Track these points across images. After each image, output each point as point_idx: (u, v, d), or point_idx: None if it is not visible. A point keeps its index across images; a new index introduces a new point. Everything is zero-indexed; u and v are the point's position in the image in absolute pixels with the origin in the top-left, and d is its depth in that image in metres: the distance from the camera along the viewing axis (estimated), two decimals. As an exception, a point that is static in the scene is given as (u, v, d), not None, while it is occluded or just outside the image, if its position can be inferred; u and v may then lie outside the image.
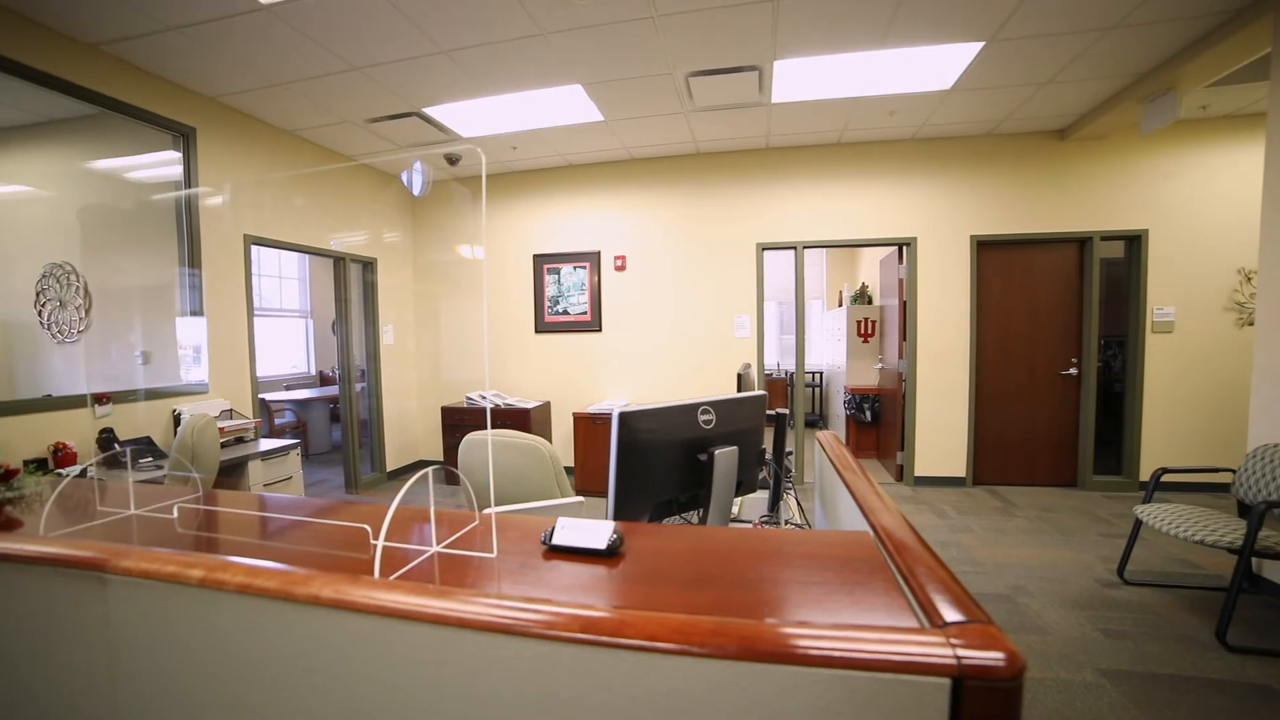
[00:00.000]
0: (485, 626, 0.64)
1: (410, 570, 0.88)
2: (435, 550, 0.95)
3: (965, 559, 3.32)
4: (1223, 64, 3.27)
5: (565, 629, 0.62)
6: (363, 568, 0.88)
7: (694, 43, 3.12)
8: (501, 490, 2.00)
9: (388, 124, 4.15)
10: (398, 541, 0.99)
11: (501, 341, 5.51)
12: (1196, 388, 4.46)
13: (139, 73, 3.24)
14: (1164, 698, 2.06)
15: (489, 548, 0.95)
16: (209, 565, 0.75)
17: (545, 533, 0.94)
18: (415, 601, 0.67)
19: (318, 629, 0.70)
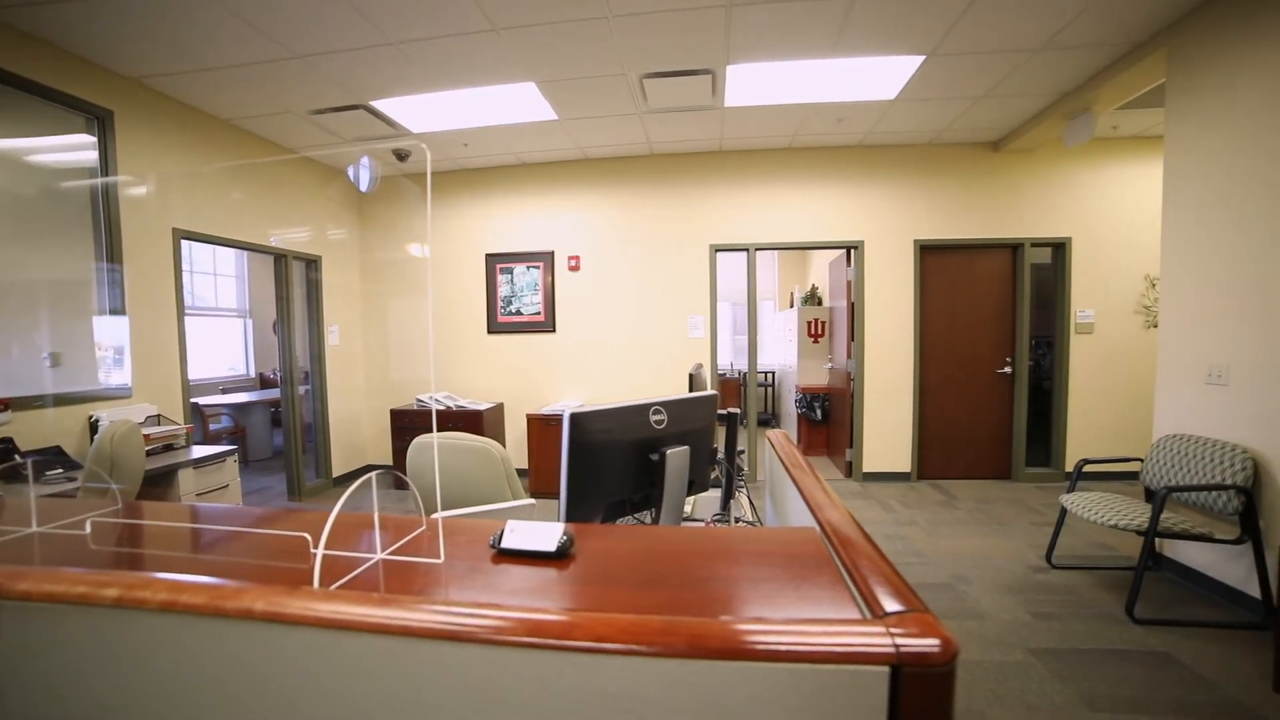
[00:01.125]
0: (431, 634, 0.63)
1: (353, 579, 0.84)
2: (380, 557, 0.92)
3: (910, 551, 3.46)
4: (1128, 89, 3.57)
5: (513, 633, 0.61)
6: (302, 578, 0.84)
7: (648, 44, 3.14)
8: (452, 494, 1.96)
9: (333, 116, 3.99)
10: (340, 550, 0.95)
11: (453, 342, 5.39)
12: (1113, 384, 4.80)
13: (42, 45, 2.93)
14: (1083, 670, 2.22)
15: (436, 553, 0.92)
16: (127, 583, 0.70)
17: (494, 536, 0.92)
18: (357, 611, 0.65)
19: (252, 645, 0.66)
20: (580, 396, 5.26)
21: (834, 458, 5.68)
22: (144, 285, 3.44)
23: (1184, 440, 2.89)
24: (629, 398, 1.32)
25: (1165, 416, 3.11)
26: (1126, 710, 1.99)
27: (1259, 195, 2.58)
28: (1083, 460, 3.28)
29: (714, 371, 5.12)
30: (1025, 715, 1.97)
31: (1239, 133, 2.67)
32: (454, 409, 4.86)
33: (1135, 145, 4.71)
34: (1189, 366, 2.96)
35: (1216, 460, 2.68)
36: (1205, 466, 2.72)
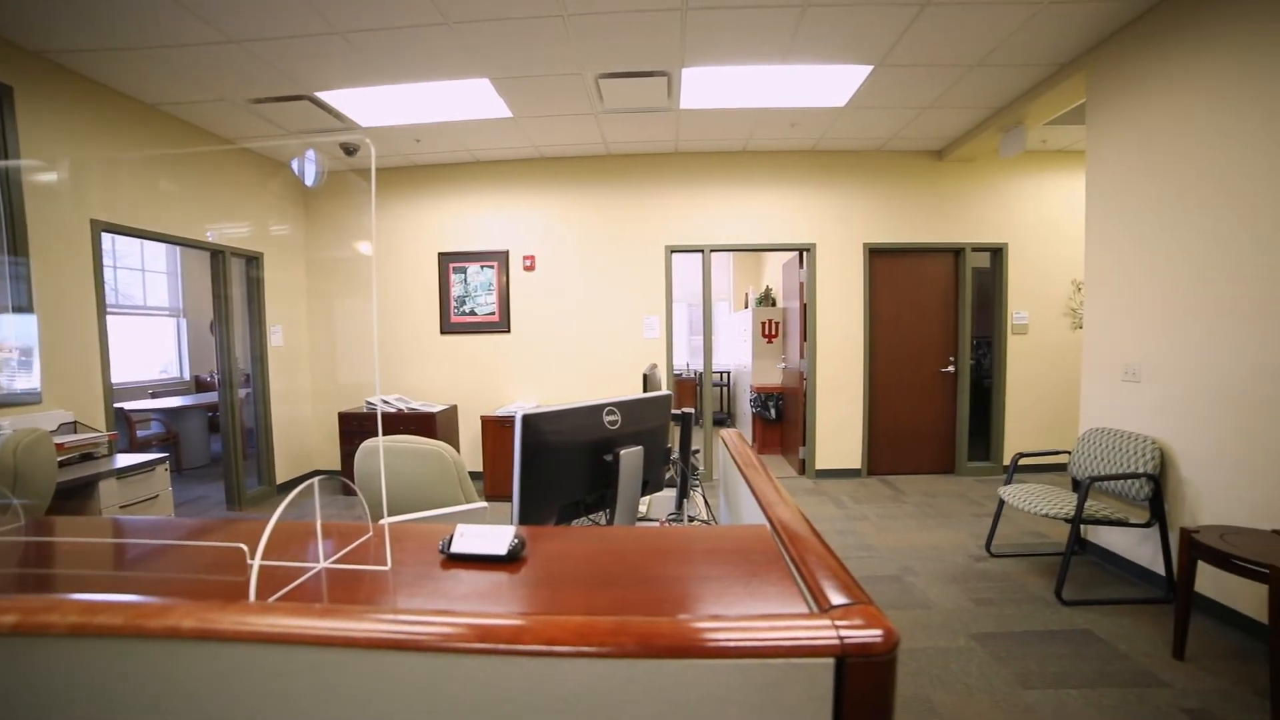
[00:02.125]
0: (376, 644, 0.60)
1: (293, 590, 0.81)
2: (322, 566, 0.88)
3: (861, 545, 3.57)
4: (1054, 106, 3.82)
5: (461, 640, 0.60)
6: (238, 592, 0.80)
7: (604, 44, 3.14)
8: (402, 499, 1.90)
9: (274, 106, 3.81)
10: (280, 560, 0.91)
11: (405, 343, 5.23)
12: (1045, 382, 5.10)
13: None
14: (1018, 651, 2.35)
15: (383, 560, 0.89)
16: (28, 608, 0.64)
17: (443, 541, 0.90)
18: (296, 623, 0.62)
19: (180, 666, 0.62)
20: (536, 398, 5.20)
21: (788, 456, 5.81)
22: (56, 280, 3.17)
23: (1105, 433, 3.10)
24: (585, 398, 1.31)
25: (1089, 412, 3.33)
26: (1054, 685, 2.12)
27: (1164, 210, 2.79)
28: (1018, 454, 3.47)
29: (670, 372, 5.16)
30: (966, 697, 2.06)
31: (1148, 150, 2.89)
32: (405, 412, 4.73)
33: (1063, 158, 5.02)
34: (1109, 365, 3.17)
35: (1131, 451, 2.89)
36: (1122, 457, 2.93)
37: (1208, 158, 2.59)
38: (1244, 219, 2.43)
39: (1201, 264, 2.62)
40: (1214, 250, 2.56)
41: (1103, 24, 3.00)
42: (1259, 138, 2.37)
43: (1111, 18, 2.94)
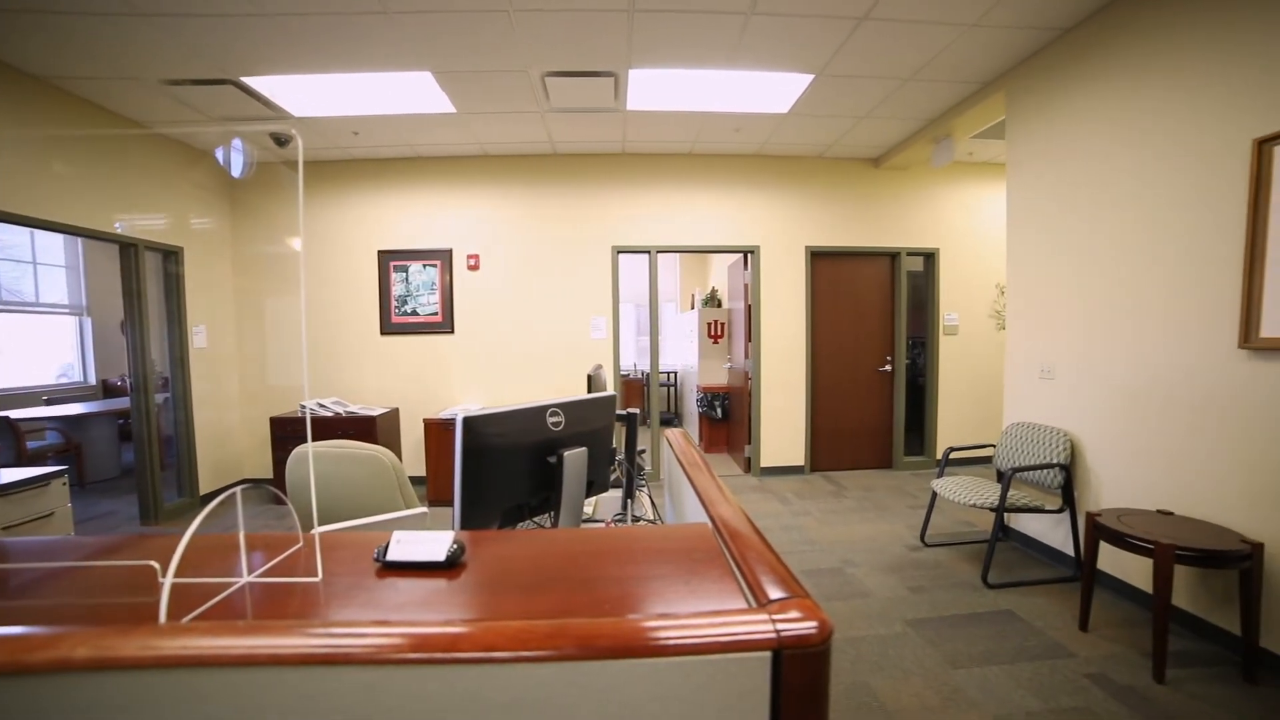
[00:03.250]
0: (304, 660, 0.58)
1: (212, 608, 0.75)
2: (246, 581, 0.83)
3: (804, 539, 3.68)
4: (978, 121, 4.07)
5: (395, 651, 0.58)
6: (148, 614, 0.74)
7: (550, 42, 3.10)
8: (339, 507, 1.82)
9: (194, 90, 3.55)
10: (197, 576, 0.85)
11: (343, 344, 5.01)
12: (974, 379, 5.41)
13: None
14: (948, 634, 2.49)
15: (313, 571, 0.85)
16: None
17: (379, 549, 0.87)
18: (214, 643, 0.58)
19: (75, 702, 0.57)
20: (481, 399, 5.09)
21: (734, 454, 5.93)
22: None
23: (1025, 427, 3.33)
24: (531, 400, 1.29)
25: (1011, 407, 3.56)
26: (980, 664, 2.26)
27: (1073, 223, 3.02)
28: (949, 448, 3.67)
29: (616, 372, 5.16)
30: (902, 680, 2.16)
31: (1059, 166, 3.12)
32: (344, 415, 4.52)
33: (988, 169, 5.35)
34: (1027, 364, 3.40)
35: (1047, 443, 3.11)
36: (1039, 449, 3.15)
37: (1107, 177, 2.82)
38: (1140, 233, 2.66)
39: (1105, 273, 2.86)
40: (1116, 260, 2.79)
41: (1018, 49, 3.21)
42: (1148, 158, 2.60)
43: (1025, 44, 3.16)
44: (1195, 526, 2.30)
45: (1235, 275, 2.26)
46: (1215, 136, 2.35)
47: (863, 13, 2.85)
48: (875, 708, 2.02)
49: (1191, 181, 2.44)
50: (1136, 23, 2.67)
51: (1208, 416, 2.39)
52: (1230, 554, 2.10)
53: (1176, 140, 2.50)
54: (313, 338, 4.99)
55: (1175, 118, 2.50)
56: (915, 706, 2.02)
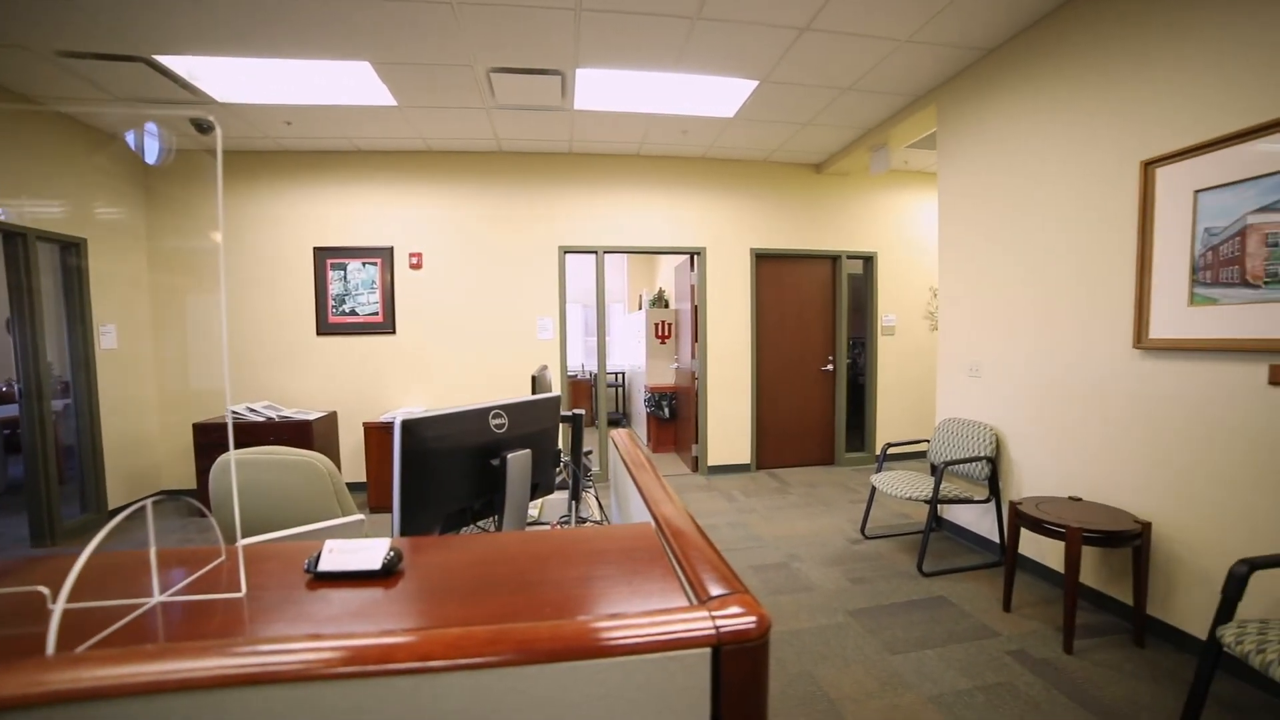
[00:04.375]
0: (223, 682, 0.54)
1: (115, 633, 0.69)
2: (157, 600, 0.77)
3: (751, 536, 3.76)
4: (912, 132, 4.29)
5: (325, 666, 0.55)
6: (34, 645, 0.68)
7: (496, 38, 3.04)
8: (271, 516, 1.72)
9: (98, 65, 3.24)
10: (99, 599, 0.78)
11: (276, 345, 4.75)
12: (910, 377, 5.68)
13: None
14: (887, 622, 2.60)
15: (236, 586, 0.80)
16: None
17: (309, 559, 0.82)
18: (115, 672, 0.53)
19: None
20: (424, 402, 4.94)
21: (681, 453, 5.99)
22: None
23: (955, 423, 3.52)
24: (476, 402, 1.26)
25: (943, 404, 3.76)
26: (916, 648, 2.37)
27: (996, 230, 3.22)
28: (887, 444, 3.83)
29: (564, 373, 5.12)
30: (844, 669, 2.24)
31: (983, 177, 3.32)
32: (277, 420, 4.29)
33: (922, 178, 5.63)
34: (957, 363, 3.60)
35: (975, 438, 3.30)
36: (968, 443, 3.34)
37: (1024, 189, 3.03)
38: (1052, 242, 2.87)
39: (1024, 278, 3.06)
40: (1033, 267, 3.00)
41: (947, 66, 3.40)
42: (1057, 174, 2.81)
43: (953, 62, 3.35)
44: (1099, 510, 2.50)
45: (1129, 283, 2.48)
46: (1111, 157, 2.56)
47: (804, 23, 2.94)
48: (819, 696, 2.08)
49: (1093, 197, 2.65)
50: (1044, 48, 2.88)
51: (1108, 410, 2.60)
52: (1125, 533, 2.30)
53: (1080, 159, 2.71)
54: (243, 338, 4.70)
55: (1079, 138, 2.71)
56: (857, 693, 2.10)
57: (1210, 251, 2.19)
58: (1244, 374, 2.10)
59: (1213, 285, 2.18)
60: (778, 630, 2.55)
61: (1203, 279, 2.22)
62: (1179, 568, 2.34)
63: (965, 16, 2.88)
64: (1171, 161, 2.30)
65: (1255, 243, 2.05)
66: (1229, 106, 2.13)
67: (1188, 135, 2.26)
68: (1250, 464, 2.09)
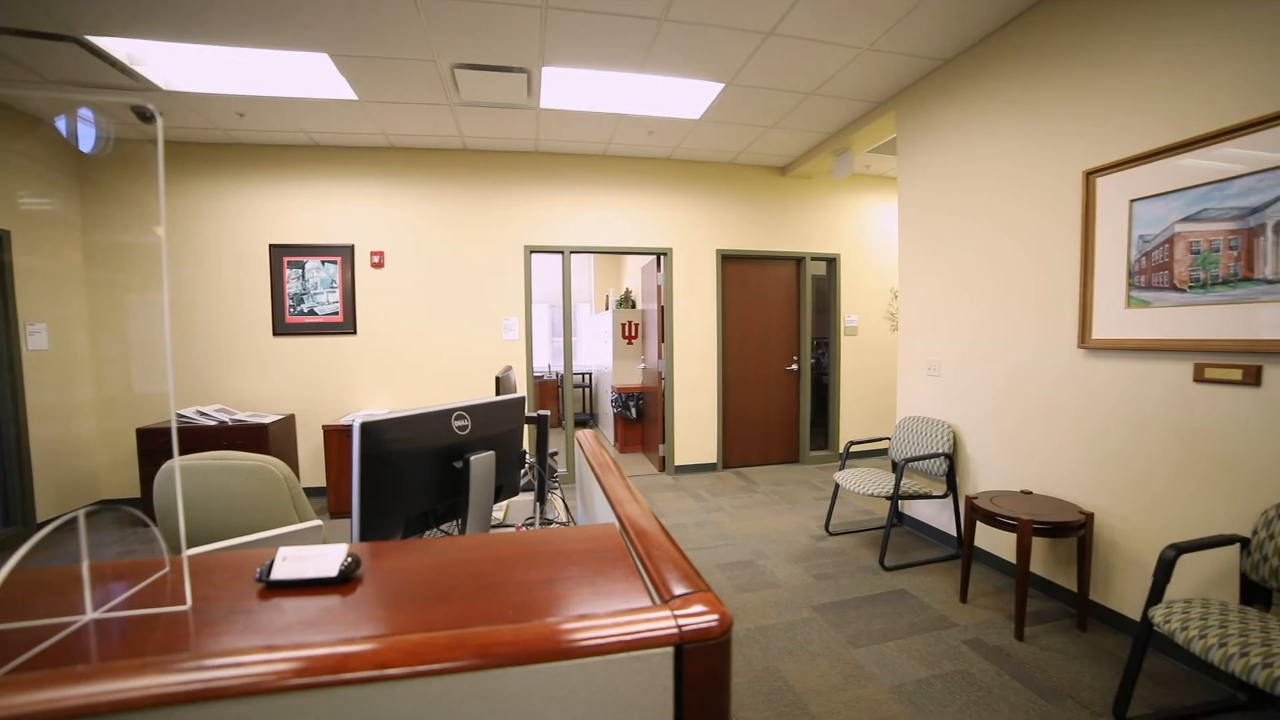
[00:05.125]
0: (164, 700, 0.51)
1: (41, 654, 0.65)
2: (90, 618, 0.73)
3: (718, 535, 3.80)
4: (873, 138, 4.40)
5: (278, 678, 0.53)
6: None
7: (460, 33, 2.99)
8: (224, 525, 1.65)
9: (21, 43, 2.98)
10: (24, 619, 0.73)
11: (229, 346, 4.56)
12: (872, 377, 5.83)
13: None
14: (851, 616, 2.66)
15: (181, 599, 0.76)
16: None
17: (261, 568, 0.79)
18: (34, 699, 0.50)
19: None
20: (386, 404, 4.82)
21: (649, 453, 6.01)
22: None
23: (915, 420, 3.62)
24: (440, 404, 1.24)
25: (904, 402, 3.87)
26: (878, 641, 2.43)
27: (954, 234, 3.34)
28: (850, 442, 3.92)
29: (530, 374, 5.07)
30: (809, 663, 2.28)
31: (941, 183, 3.43)
32: (230, 424, 4.11)
33: (883, 182, 5.79)
34: (917, 362, 3.71)
35: (934, 435, 3.41)
36: (928, 440, 3.44)
37: (979, 195, 3.14)
38: (1005, 246, 2.99)
39: (979, 280, 3.18)
40: (987, 269, 3.12)
41: (905, 74, 3.50)
42: (1010, 181, 2.93)
43: (911, 70, 3.45)
44: (1048, 503, 2.61)
45: (1075, 286, 2.60)
46: (1057, 166, 2.69)
47: (769, 28, 2.99)
48: (785, 690, 2.11)
49: (1042, 204, 2.77)
50: (995, 61, 3.00)
51: (1056, 406, 2.73)
52: (1071, 524, 2.42)
53: (1029, 167, 2.83)
54: (194, 339, 4.50)
55: (1028, 147, 2.83)
56: (821, 686, 2.14)
57: (1144, 257, 2.31)
58: (1173, 372, 2.23)
59: (1146, 289, 2.31)
60: (745, 627, 2.58)
61: (1138, 283, 2.34)
62: (1117, 555, 2.47)
63: (921, 28, 2.98)
64: (1110, 172, 2.42)
65: (1182, 250, 2.18)
66: (1160, 122, 2.26)
67: (1124, 148, 2.38)
68: (1178, 456, 2.23)
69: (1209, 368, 2.12)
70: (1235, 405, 2.05)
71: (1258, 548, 1.87)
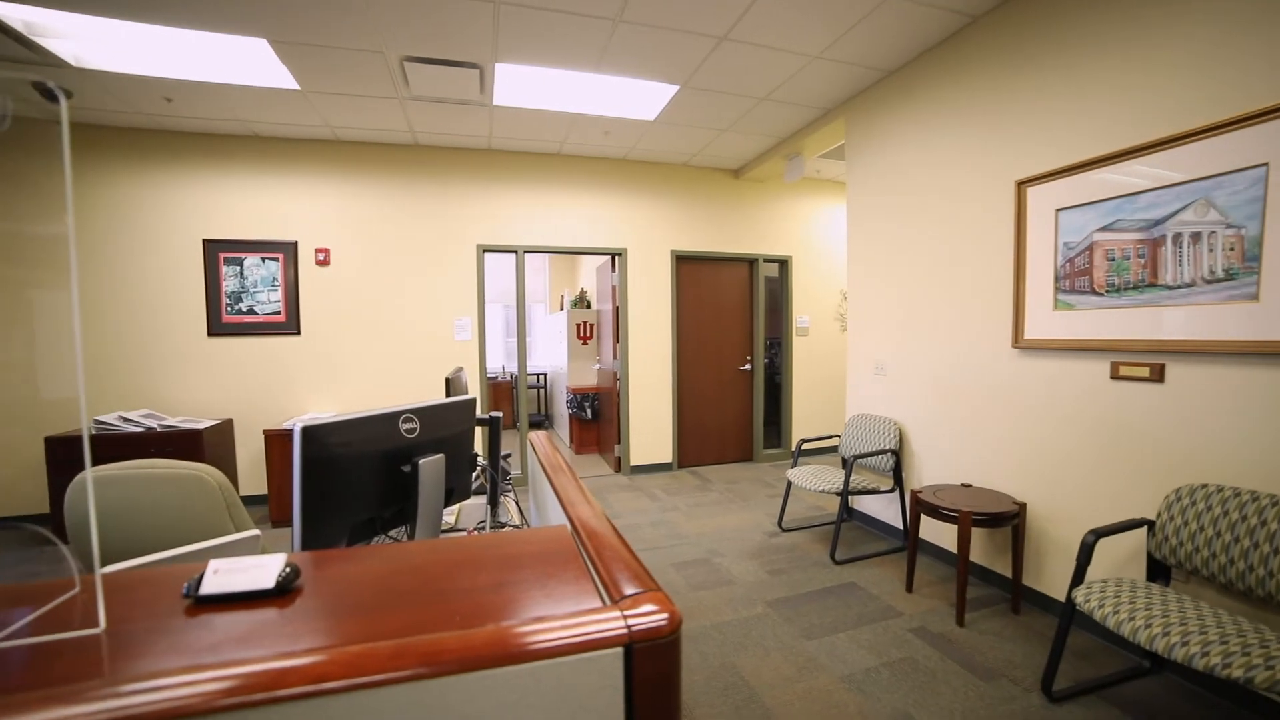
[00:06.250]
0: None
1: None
2: (-11, 644, 0.67)
3: (674, 534, 3.82)
4: (823, 143, 4.53)
5: (205, 700, 0.50)
6: None
7: (409, 25, 2.91)
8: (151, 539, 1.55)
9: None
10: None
11: (158, 347, 4.27)
12: (823, 376, 6.00)
13: None
14: (803, 609, 2.72)
15: (94, 620, 0.71)
16: None
17: (189, 583, 0.75)
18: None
19: None
20: (332, 407, 4.64)
21: (604, 454, 6.00)
22: None
23: (864, 418, 3.75)
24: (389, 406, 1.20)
25: (852, 401, 4.00)
26: (829, 633, 2.51)
27: (898, 239, 3.47)
28: (802, 440, 4.02)
29: (483, 375, 4.98)
30: (763, 657, 2.33)
31: (888, 187, 3.56)
32: (159, 430, 3.86)
33: (833, 187, 5.97)
34: (865, 362, 3.84)
35: (881, 432, 3.54)
36: (875, 437, 3.57)
37: (922, 200, 3.28)
38: (946, 250, 3.13)
39: (922, 282, 3.32)
40: (929, 272, 3.26)
41: (853, 83, 3.62)
42: (950, 189, 3.07)
43: (859, 79, 3.57)
44: (986, 495, 2.75)
45: (1009, 288, 2.76)
46: (994, 176, 2.84)
47: (723, 32, 3.03)
48: (740, 685, 2.15)
49: (981, 211, 2.92)
50: (937, 73, 3.14)
51: (993, 403, 2.88)
52: (1006, 514, 2.56)
53: (970, 176, 2.98)
54: (118, 339, 4.20)
55: (968, 157, 2.98)
56: (775, 679, 2.18)
57: (1069, 263, 2.47)
58: (1093, 370, 2.40)
59: (1070, 292, 2.47)
60: (701, 624, 2.61)
61: (1063, 287, 2.50)
62: (1047, 541, 2.63)
63: (867, 40, 3.09)
64: (1039, 182, 2.58)
65: (1100, 257, 2.35)
66: (1083, 138, 2.42)
67: (1052, 160, 2.54)
68: (1098, 447, 2.39)
69: (1123, 366, 2.29)
70: (1144, 400, 2.23)
71: (1160, 529, 2.06)
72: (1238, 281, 1.92)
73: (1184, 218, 2.06)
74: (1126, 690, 2.09)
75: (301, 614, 0.71)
